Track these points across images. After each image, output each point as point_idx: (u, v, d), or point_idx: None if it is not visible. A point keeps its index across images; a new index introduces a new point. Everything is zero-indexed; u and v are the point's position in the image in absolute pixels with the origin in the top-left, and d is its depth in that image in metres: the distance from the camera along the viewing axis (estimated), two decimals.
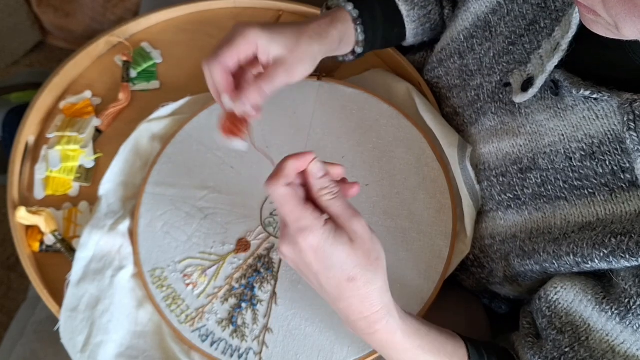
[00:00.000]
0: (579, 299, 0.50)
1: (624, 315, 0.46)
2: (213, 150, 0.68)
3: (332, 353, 0.58)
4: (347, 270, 0.45)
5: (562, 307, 0.51)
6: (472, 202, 0.62)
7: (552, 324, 0.52)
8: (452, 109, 0.68)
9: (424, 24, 0.71)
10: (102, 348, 0.59)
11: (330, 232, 0.45)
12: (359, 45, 0.66)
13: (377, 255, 0.47)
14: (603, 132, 0.48)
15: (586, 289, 0.50)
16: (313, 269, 0.46)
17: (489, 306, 0.72)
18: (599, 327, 0.48)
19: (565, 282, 0.51)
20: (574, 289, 0.50)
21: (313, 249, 0.45)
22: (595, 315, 0.48)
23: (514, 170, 0.58)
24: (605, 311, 0.47)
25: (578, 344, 0.49)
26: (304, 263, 0.46)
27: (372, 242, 0.46)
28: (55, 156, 0.69)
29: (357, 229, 0.45)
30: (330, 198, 0.45)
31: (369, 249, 0.46)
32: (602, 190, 0.49)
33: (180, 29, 0.79)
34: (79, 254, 0.62)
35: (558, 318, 0.51)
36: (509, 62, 0.59)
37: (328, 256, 0.45)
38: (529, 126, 0.56)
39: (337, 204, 0.45)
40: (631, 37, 0.38)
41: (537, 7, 0.56)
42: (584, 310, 0.49)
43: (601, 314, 0.47)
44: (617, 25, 0.37)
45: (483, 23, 0.62)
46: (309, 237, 0.44)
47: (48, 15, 1.33)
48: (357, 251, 0.45)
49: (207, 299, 0.61)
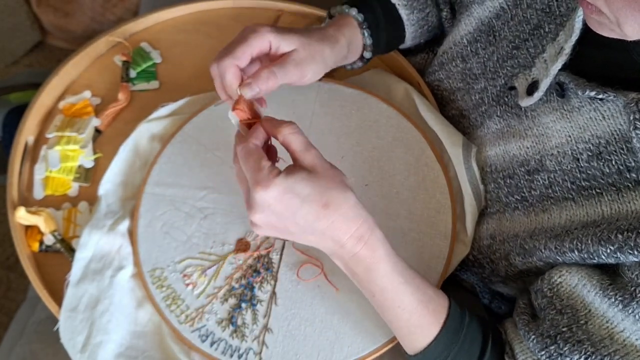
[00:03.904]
0: (582, 283, 0.50)
1: (628, 302, 0.46)
2: (213, 150, 0.68)
3: (331, 353, 0.58)
4: (317, 198, 0.48)
5: (564, 290, 0.51)
6: (475, 201, 0.62)
7: (552, 304, 0.52)
8: (458, 112, 0.69)
9: (422, 27, 0.71)
10: (102, 348, 0.59)
11: (287, 175, 0.47)
12: (367, 50, 0.67)
13: (340, 178, 0.49)
14: (609, 132, 0.49)
15: (592, 275, 0.50)
16: (287, 216, 0.48)
17: (488, 306, 0.71)
18: (600, 312, 0.48)
19: (571, 267, 0.51)
20: (579, 274, 0.50)
21: (277, 198, 0.47)
22: (598, 301, 0.48)
23: (521, 172, 0.58)
24: (609, 297, 0.47)
25: (576, 325, 0.49)
26: (277, 217, 0.48)
27: (332, 169, 0.50)
28: (54, 156, 0.68)
29: (315, 161, 0.49)
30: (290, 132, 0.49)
31: (331, 175, 0.49)
32: (609, 190, 0.49)
33: (180, 29, 0.79)
34: (78, 254, 0.62)
35: (559, 300, 0.51)
36: (513, 66, 0.59)
37: (294, 195, 0.47)
38: (535, 128, 0.56)
39: (297, 138, 0.49)
40: (633, 36, 0.39)
41: (541, 12, 0.57)
42: (587, 295, 0.49)
43: (604, 299, 0.48)
44: (618, 22, 0.38)
45: (487, 27, 0.63)
46: (268, 189, 0.47)
47: (47, 15, 1.33)
48: (320, 179, 0.48)
49: (206, 299, 0.61)
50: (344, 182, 0.50)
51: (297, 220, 0.48)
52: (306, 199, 0.47)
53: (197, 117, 0.70)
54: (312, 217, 0.48)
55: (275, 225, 0.49)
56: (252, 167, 0.48)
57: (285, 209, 0.48)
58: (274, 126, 0.50)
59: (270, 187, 0.47)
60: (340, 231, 0.49)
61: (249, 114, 0.53)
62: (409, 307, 0.52)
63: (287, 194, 0.47)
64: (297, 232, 0.50)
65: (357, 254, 0.50)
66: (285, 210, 0.48)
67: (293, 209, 0.48)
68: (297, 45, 0.57)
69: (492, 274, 0.64)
